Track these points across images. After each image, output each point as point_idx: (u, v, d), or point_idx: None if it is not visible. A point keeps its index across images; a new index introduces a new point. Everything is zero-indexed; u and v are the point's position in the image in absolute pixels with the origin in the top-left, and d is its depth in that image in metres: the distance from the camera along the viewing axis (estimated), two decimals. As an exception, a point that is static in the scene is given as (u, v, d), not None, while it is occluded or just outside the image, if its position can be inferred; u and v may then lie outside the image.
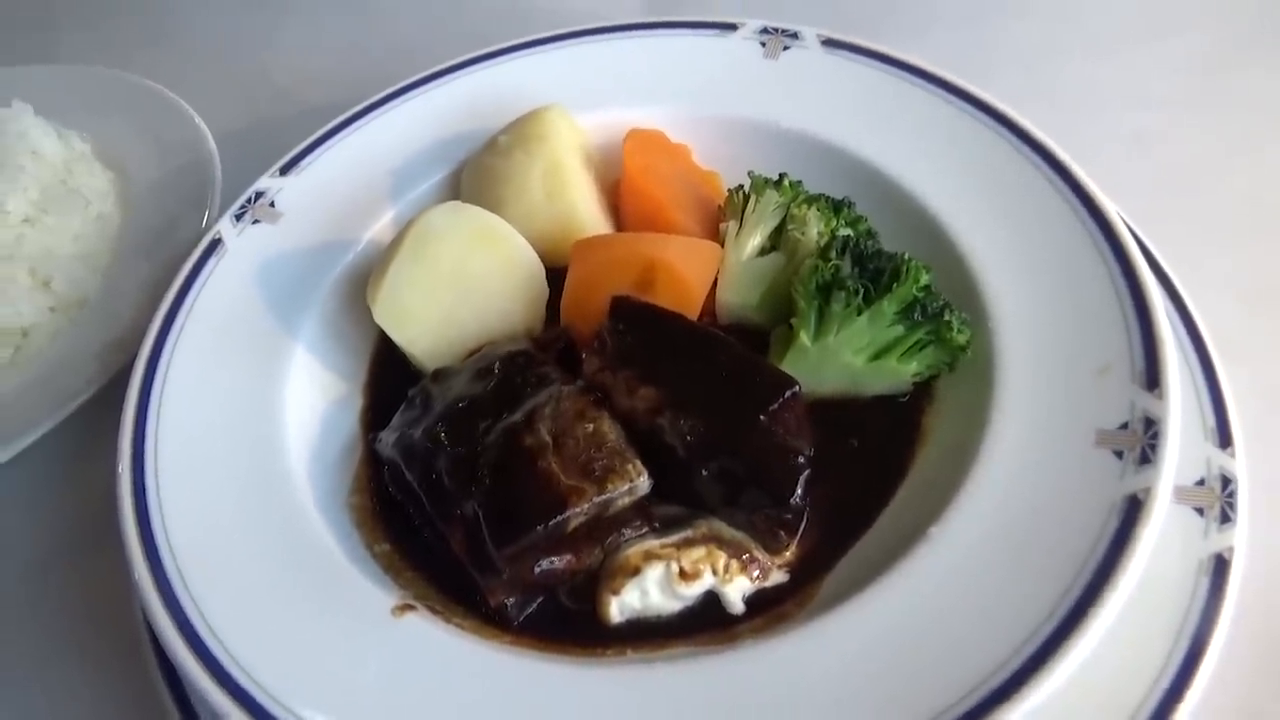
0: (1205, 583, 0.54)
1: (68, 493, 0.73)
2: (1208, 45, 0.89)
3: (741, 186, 0.71)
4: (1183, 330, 0.64)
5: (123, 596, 0.65)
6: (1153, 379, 0.56)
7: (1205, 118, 0.83)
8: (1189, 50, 0.88)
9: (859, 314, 0.62)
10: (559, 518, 0.54)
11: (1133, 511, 0.51)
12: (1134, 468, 0.53)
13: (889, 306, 0.62)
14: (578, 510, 0.55)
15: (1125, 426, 0.54)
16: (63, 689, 0.64)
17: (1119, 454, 0.54)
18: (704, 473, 0.57)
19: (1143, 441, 0.53)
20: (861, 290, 0.62)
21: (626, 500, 0.56)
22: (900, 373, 0.63)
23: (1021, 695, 0.46)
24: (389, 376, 0.70)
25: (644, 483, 0.56)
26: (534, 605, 0.57)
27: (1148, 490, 0.51)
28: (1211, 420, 0.60)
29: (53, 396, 0.75)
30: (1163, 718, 0.50)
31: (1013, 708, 0.46)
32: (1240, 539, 0.55)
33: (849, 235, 0.66)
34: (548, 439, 0.57)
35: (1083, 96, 0.86)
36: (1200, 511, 0.57)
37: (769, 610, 0.56)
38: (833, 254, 0.64)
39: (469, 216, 0.67)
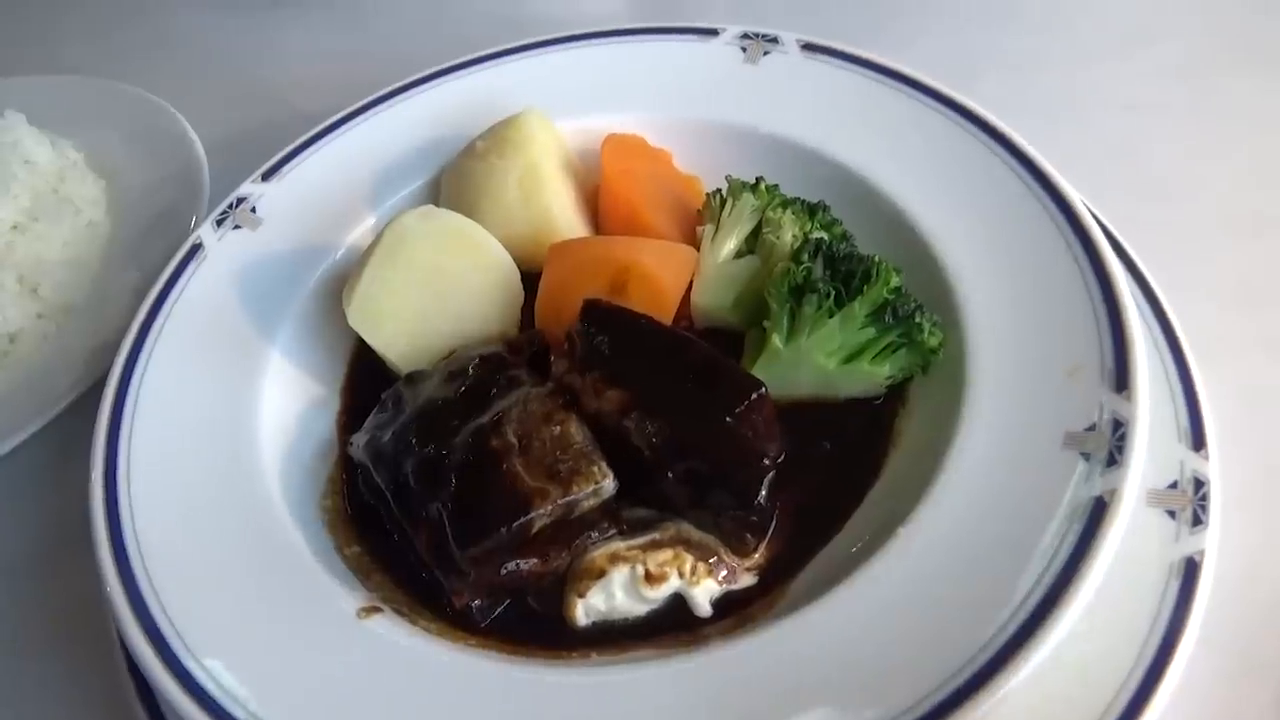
0: (1176, 586, 0.53)
1: (52, 494, 0.74)
2: (1188, 53, 0.89)
3: (719, 190, 0.71)
4: (1159, 333, 0.64)
5: (91, 590, 0.65)
6: (1122, 380, 0.55)
7: (1185, 123, 0.83)
8: (1170, 58, 0.88)
9: (830, 316, 0.62)
10: (523, 519, 0.54)
11: (1098, 513, 0.50)
12: (1100, 469, 0.52)
13: (860, 309, 0.62)
14: (542, 511, 0.54)
15: (1093, 428, 0.54)
16: (34, 687, 0.64)
17: (1086, 456, 0.53)
18: (670, 475, 0.56)
19: (1110, 443, 0.53)
20: (832, 293, 0.62)
21: (592, 502, 0.56)
22: (873, 375, 0.63)
23: (983, 694, 0.46)
24: (366, 380, 0.70)
25: (609, 484, 0.56)
26: (501, 608, 0.57)
27: (1113, 492, 0.51)
28: (1185, 423, 0.59)
29: (39, 400, 0.76)
30: (1146, 697, 0.49)
31: (976, 706, 0.45)
32: (1211, 542, 0.54)
33: (821, 238, 0.66)
34: (514, 441, 0.57)
35: (1066, 102, 0.86)
36: (1172, 514, 0.56)
37: (737, 613, 0.56)
38: (805, 256, 0.64)
39: (443, 220, 0.68)
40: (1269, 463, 0.61)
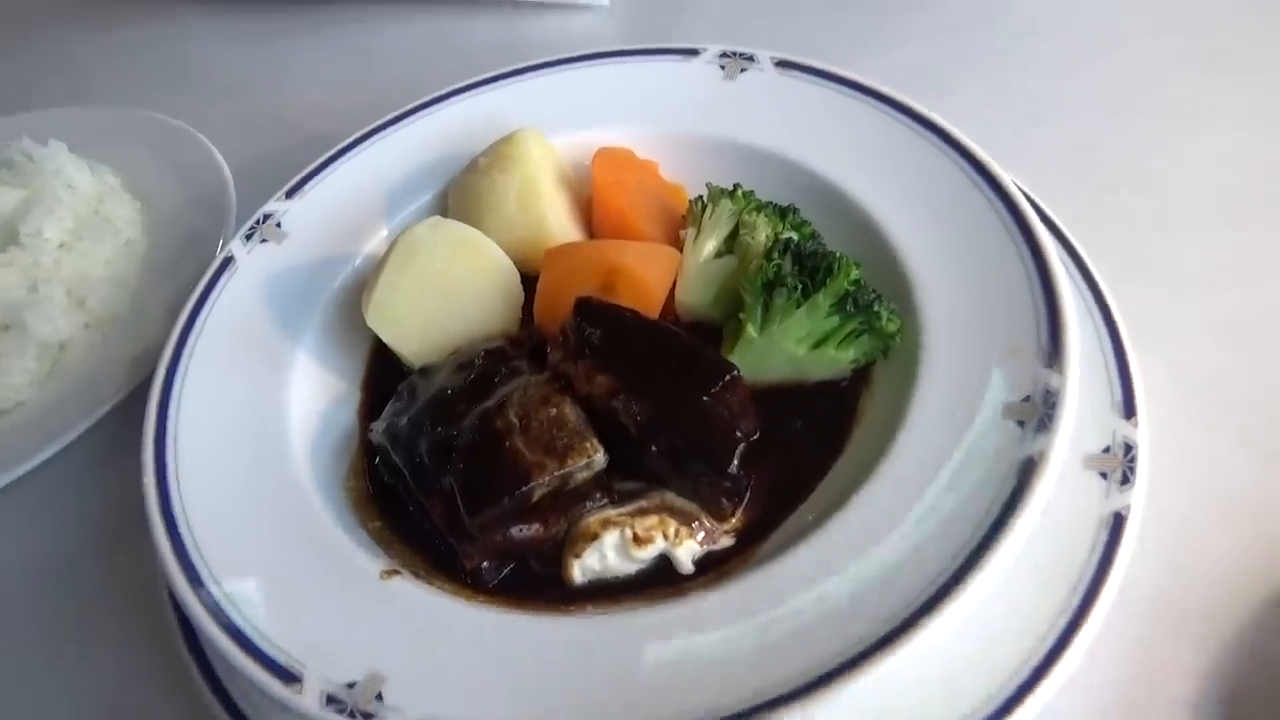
0: (1104, 536, 0.60)
1: (101, 488, 0.81)
2: (1156, 57, 0.95)
3: (700, 197, 0.78)
4: (1099, 317, 0.70)
5: (146, 577, 0.72)
6: (1055, 357, 0.62)
7: (1141, 125, 0.89)
8: (1131, 64, 0.94)
9: (798, 307, 0.69)
10: (524, 488, 0.61)
11: (1028, 470, 0.57)
12: (1033, 434, 0.59)
13: (824, 299, 0.69)
14: (540, 482, 0.62)
15: (1029, 399, 0.61)
16: (91, 663, 0.72)
17: (1021, 423, 0.60)
18: (653, 448, 0.64)
19: (1042, 412, 0.60)
20: (800, 286, 0.69)
21: (585, 474, 0.63)
22: (838, 360, 0.70)
23: (922, 626, 0.52)
24: (383, 375, 0.77)
25: (600, 458, 0.63)
26: (507, 570, 0.64)
27: (1042, 453, 0.58)
28: (1119, 395, 0.66)
29: (87, 403, 0.83)
30: (1062, 648, 0.56)
31: (914, 637, 0.52)
32: (1138, 498, 0.61)
33: (791, 237, 0.73)
34: (515, 421, 0.64)
35: (1031, 107, 0.92)
36: (1105, 475, 0.62)
37: (715, 570, 0.63)
38: (775, 254, 0.71)
39: (450, 230, 0.75)
40: (1194, 430, 0.68)
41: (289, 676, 0.57)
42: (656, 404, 0.64)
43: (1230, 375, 0.71)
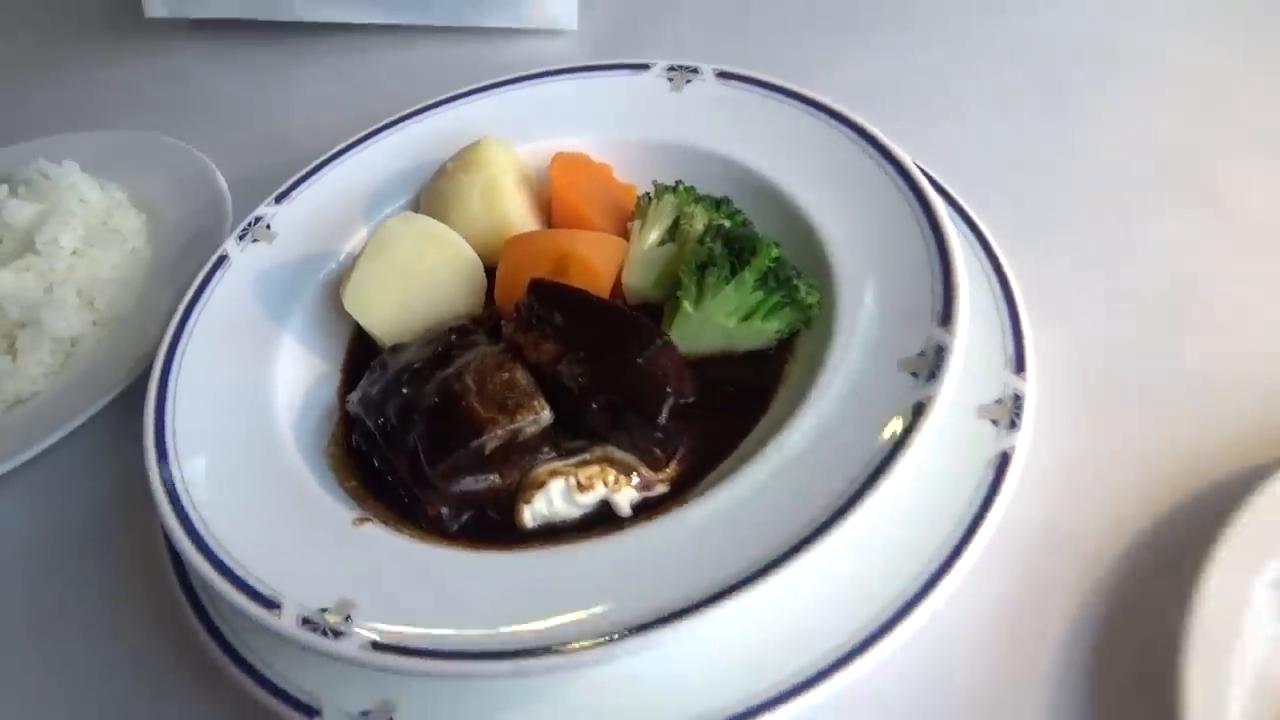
0: (990, 475, 0.67)
1: (108, 469, 0.89)
2: (1065, 60, 1.04)
3: (647, 193, 0.87)
4: (998, 288, 0.78)
5: (148, 544, 0.80)
6: (946, 316, 0.70)
7: (1047, 122, 0.97)
8: (1039, 68, 1.03)
9: (727, 283, 0.77)
10: (478, 441, 0.70)
11: (918, 413, 0.65)
12: (924, 383, 0.67)
13: (749, 276, 0.77)
14: (492, 435, 0.70)
15: (922, 354, 0.69)
16: (94, 615, 0.80)
17: (915, 374, 0.68)
18: (594, 406, 0.72)
19: (932, 363, 0.68)
20: (728, 265, 0.77)
21: (534, 429, 0.72)
22: (765, 330, 0.78)
23: (820, 542, 0.60)
24: (361, 357, 0.85)
25: (546, 415, 0.72)
26: (466, 517, 0.72)
27: (930, 398, 0.65)
28: (1012, 353, 0.74)
29: (94, 392, 0.92)
30: (950, 564, 0.63)
31: (814, 550, 0.60)
32: (1023, 440, 0.69)
33: (723, 224, 0.81)
34: (471, 385, 0.72)
35: (953, 109, 1.01)
36: (995, 423, 0.70)
37: (651, 513, 0.70)
38: (707, 239, 0.80)
39: (419, 223, 0.84)
40: (1082, 386, 0.76)
41: (270, 604, 0.65)
42: (596, 367, 0.72)
43: (1119, 339, 0.79)
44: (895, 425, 0.65)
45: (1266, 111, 0.94)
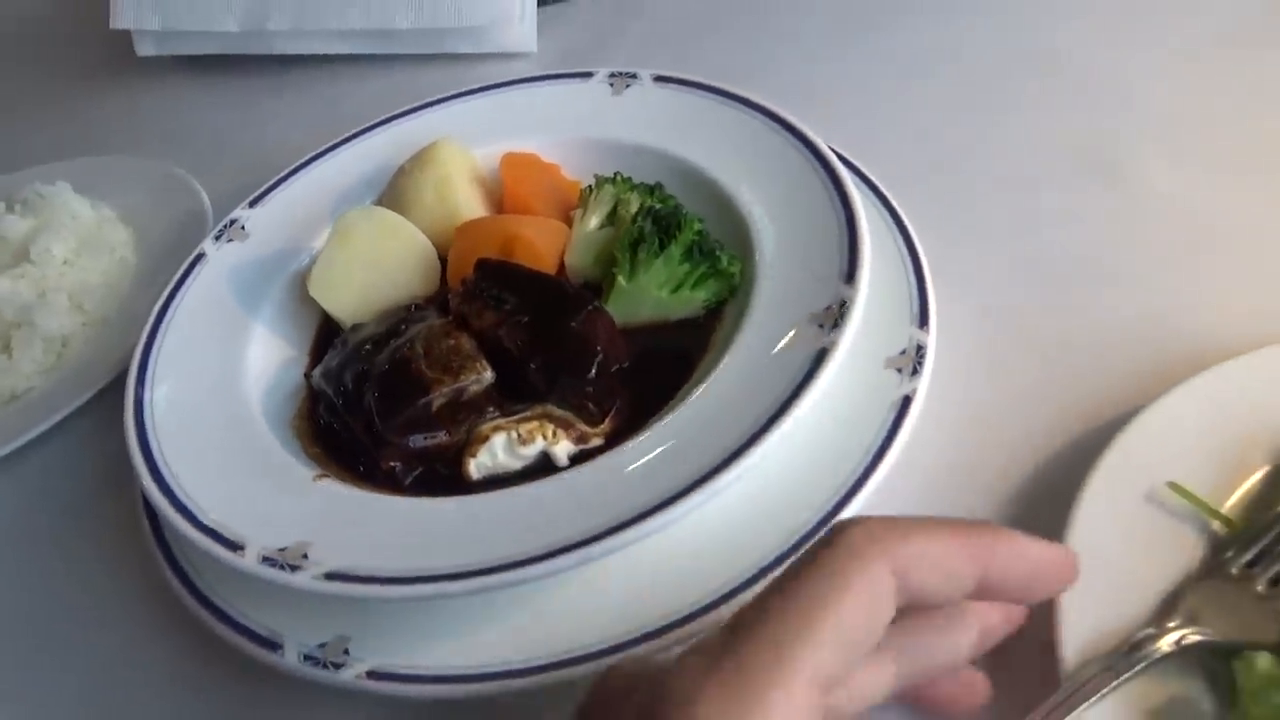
0: (892, 416, 0.74)
1: (96, 454, 0.96)
2: (989, 67, 1.12)
3: (590, 185, 0.95)
4: (908, 258, 0.85)
5: (128, 519, 0.86)
6: (851, 275, 0.77)
7: (966, 118, 1.05)
8: (960, 69, 1.11)
9: (656, 257, 0.84)
10: (425, 399, 0.76)
11: (820, 357, 0.72)
12: (829, 332, 0.73)
13: (675, 250, 0.84)
14: (438, 394, 0.77)
15: (829, 309, 0.75)
16: (85, 591, 0.86)
17: (821, 325, 0.75)
18: (532, 366, 0.79)
19: (836, 315, 0.74)
20: (657, 240, 0.85)
21: (477, 388, 0.78)
22: (693, 299, 0.85)
23: (730, 470, 0.66)
24: (327, 341, 0.92)
25: (488, 375, 0.78)
26: (417, 472, 0.79)
27: (833, 343, 0.72)
28: (917, 310, 0.80)
29: (82, 386, 0.99)
30: (855, 491, 0.69)
31: (724, 479, 0.66)
32: (923, 385, 0.75)
33: (654, 206, 0.89)
34: (420, 351, 0.79)
35: (883, 111, 1.09)
36: (899, 370, 0.77)
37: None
38: (639, 219, 0.87)
39: (377, 215, 0.92)
40: (983, 339, 0.83)
41: (234, 546, 0.71)
42: (534, 331, 0.79)
43: (1020, 300, 0.86)
44: (801, 368, 0.72)
45: (1169, 101, 1.02)
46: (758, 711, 0.36)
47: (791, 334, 0.76)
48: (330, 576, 0.67)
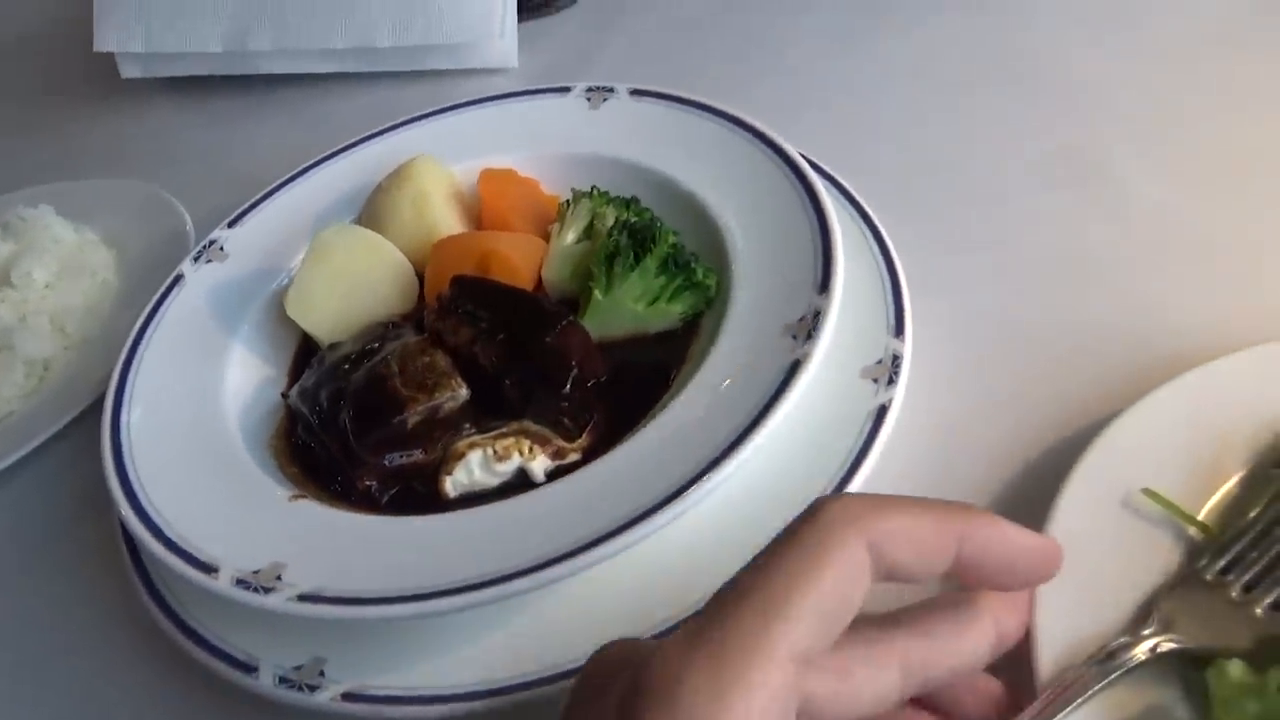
0: (869, 425, 0.73)
1: (75, 475, 0.96)
2: (957, 77, 1.12)
3: (567, 199, 0.95)
4: (884, 268, 0.85)
5: (107, 542, 0.86)
6: (824, 285, 0.77)
7: (941, 132, 1.05)
8: (933, 83, 1.12)
9: (632, 270, 0.84)
10: (400, 417, 0.76)
11: (794, 369, 0.71)
12: (802, 343, 0.73)
13: (651, 263, 0.84)
14: (413, 412, 0.76)
15: (803, 319, 0.75)
16: (63, 613, 0.85)
17: (795, 336, 0.74)
18: (507, 382, 0.78)
19: (810, 326, 0.74)
20: (632, 254, 0.85)
21: (452, 405, 0.78)
22: (670, 312, 0.85)
23: (709, 480, 0.66)
24: (305, 361, 0.92)
25: (463, 392, 0.78)
26: (393, 491, 0.78)
27: (806, 354, 0.72)
28: (892, 321, 0.80)
29: (64, 407, 0.99)
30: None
31: (704, 488, 0.66)
32: (899, 394, 0.75)
33: (629, 219, 0.89)
34: (396, 369, 0.79)
35: (852, 114, 1.10)
36: (875, 380, 0.76)
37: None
38: (614, 232, 0.87)
39: (354, 233, 0.92)
40: (958, 349, 0.82)
41: (207, 568, 0.70)
42: (509, 347, 0.79)
43: (996, 308, 0.86)
44: (775, 378, 0.71)
45: (1143, 106, 1.02)
46: (739, 689, 0.36)
47: (766, 345, 0.75)
48: (304, 598, 0.67)
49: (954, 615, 0.47)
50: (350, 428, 0.77)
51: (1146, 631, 0.56)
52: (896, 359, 0.77)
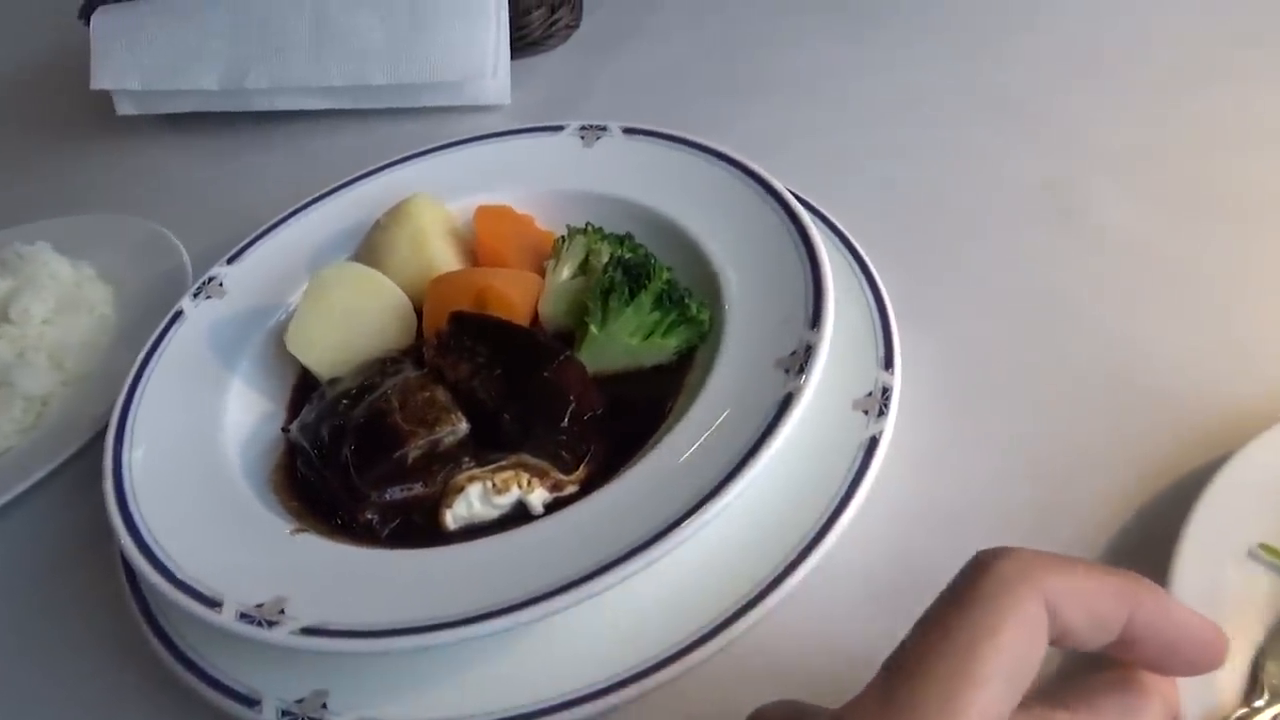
0: (861, 455, 0.75)
1: (73, 512, 0.96)
2: (939, 110, 1.15)
3: (562, 236, 0.97)
4: (873, 303, 0.87)
5: (108, 577, 0.87)
6: (816, 321, 0.79)
7: (929, 164, 1.08)
8: (920, 117, 1.14)
9: (627, 306, 0.86)
10: (401, 451, 0.77)
11: (787, 402, 0.73)
12: (794, 377, 0.75)
13: (645, 298, 0.86)
14: (414, 446, 0.78)
15: (794, 354, 0.77)
16: (64, 649, 0.86)
17: (786, 370, 0.76)
18: (506, 417, 0.80)
19: (802, 360, 0.76)
20: (627, 289, 0.86)
21: (452, 439, 0.79)
22: (664, 346, 0.87)
23: (705, 511, 0.67)
24: (304, 395, 0.93)
25: (463, 426, 0.80)
26: (394, 524, 0.79)
27: (798, 388, 0.74)
28: (882, 352, 0.82)
29: (60, 445, 1.00)
30: (825, 532, 0.71)
31: (699, 520, 0.67)
32: (889, 426, 0.77)
33: (624, 256, 0.90)
34: (396, 404, 0.80)
35: (840, 154, 1.12)
36: (866, 412, 0.78)
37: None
38: (609, 268, 0.89)
39: (352, 270, 0.93)
40: (948, 381, 0.84)
41: (211, 603, 0.71)
42: (507, 382, 0.80)
43: (983, 340, 0.88)
44: (768, 412, 0.73)
45: (1121, 141, 1.05)
46: None
47: (758, 379, 0.77)
48: (306, 631, 0.68)
49: (1121, 696, 0.42)
50: (352, 462, 0.78)
51: (1260, 703, 0.55)
52: (886, 391, 0.79)
